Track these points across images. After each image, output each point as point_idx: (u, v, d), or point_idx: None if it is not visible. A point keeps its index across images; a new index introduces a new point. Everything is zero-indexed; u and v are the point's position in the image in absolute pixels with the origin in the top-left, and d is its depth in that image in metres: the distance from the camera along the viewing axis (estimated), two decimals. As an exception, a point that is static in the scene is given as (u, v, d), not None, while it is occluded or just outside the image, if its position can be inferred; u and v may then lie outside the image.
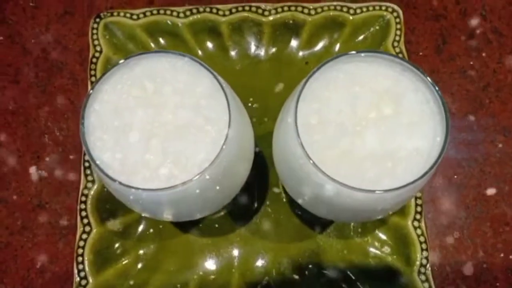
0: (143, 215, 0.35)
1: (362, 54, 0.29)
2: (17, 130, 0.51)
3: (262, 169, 0.45)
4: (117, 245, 0.44)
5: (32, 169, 0.49)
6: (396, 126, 0.29)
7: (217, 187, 0.29)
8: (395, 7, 0.50)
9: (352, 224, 0.40)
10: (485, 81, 0.51)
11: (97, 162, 0.27)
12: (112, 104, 0.28)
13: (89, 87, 0.50)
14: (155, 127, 0.28)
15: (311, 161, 0.26)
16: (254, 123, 0.47)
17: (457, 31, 0.53)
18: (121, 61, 0.28)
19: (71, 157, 0.49)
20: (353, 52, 0.28)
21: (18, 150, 0.50)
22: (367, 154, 0.28)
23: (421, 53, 0.52)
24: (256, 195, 0.44)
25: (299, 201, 0.34)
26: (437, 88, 0.28)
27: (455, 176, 0.48)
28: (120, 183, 0.26)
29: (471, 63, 0.52)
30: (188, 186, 0.26)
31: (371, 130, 0.28)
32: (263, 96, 0.48)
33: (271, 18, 0.50)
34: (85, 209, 0.45)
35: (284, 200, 0.44)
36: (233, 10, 0.50)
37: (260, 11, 0.50)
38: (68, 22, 0.54)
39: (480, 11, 0.53)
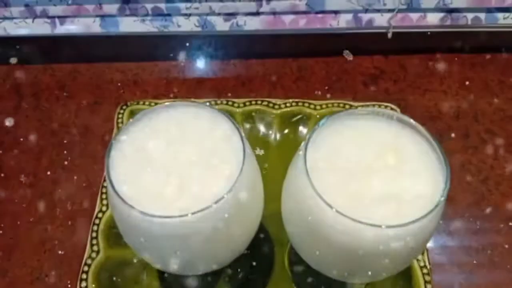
0: (151, 262, 0.35)
1: (364, 111, 0.32)
2: (31, 203, 0.52)
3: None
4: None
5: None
6: (399, 173, 0.30)
7: (229, 226, 0.29)
8: (394, 106, 0.55)
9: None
10: (484, 175, 0.54)
11: (117, 190, 0.28)
12: (136, 144, 0.31)
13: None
14: (174, 165, 0.30)
15: (321, 198, 0.28)
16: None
17: (453, 131, 0.57)
18: (150, 109, 0.32)
19: (79, 229, 0.50)
20: (356, 109, 0.32)
21: (29, 221, 0.51)
22: (374, 198, 0.29)
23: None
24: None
25: (307, 257, 0.33)
26: (435, 140, 0.31)
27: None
28: (137, 209, 0.27)
29: (469, 158, 0.55)
30: (201, 217, 0.27)
31: (376, 176, 0.30)
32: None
33: (279, 111, 0.55)
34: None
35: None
36: (247, 103, 0.56)
37: (270, 104, 0.56)
38: (96, 110, 0.59)
39: (473, 115, 0.58)
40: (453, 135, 0.57)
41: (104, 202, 0.49)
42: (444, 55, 0.63)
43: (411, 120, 0.32)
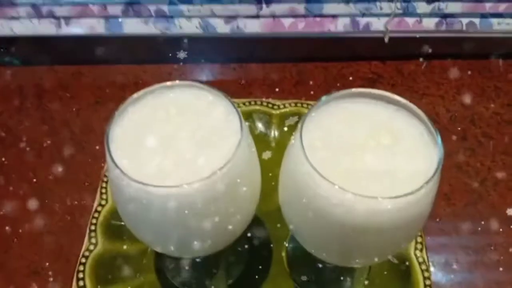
0: (148, 242, 0.35)
1: (359, 92, 0.33)
2: (30, 200, 0.52)
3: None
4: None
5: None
6: (394, 152, 0.31)
7: (224, 201, 0.30)
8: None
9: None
10: (482, 176, 0.54)
11: (116, 163, 0.28)
12: (137, 120, 0.31)
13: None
14: (173, 141, 0.31)
15: (316, 171, 0.28)
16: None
17: (450, 133, 0.58)
18: (149, 88, 0.32)
19: (79, 223, 0.50)
20: (351, 90, 0.32)
21: (28, 218, 0.51)
22: (368, 174, 0.30)
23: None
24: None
25: (305, 239, 0.34)
26: (430, 121, 0.31)
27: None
28: (135, 180, 0.28)
29: (467, 160, 0.55)
30: (196, 188, 0.28)
31: (371, 154, 0.31)
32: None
33: (278, 112, 0.56)
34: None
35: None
36: (246, 104, 0.56)
37: (270, 105, 0.56)
38: (97, 110, 0.60)
39: (470, 119, 0.59)
40: (450, 137, 0.57)
41: (104, 196, 0.49)
42: (441, 61, 0.64)
43: (406, 102, 0.32)
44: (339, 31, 0.58)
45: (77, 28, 0.58)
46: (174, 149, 0.30)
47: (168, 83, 0.33)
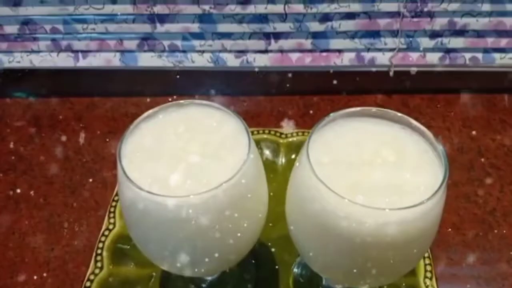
0: (155, 259, 0.35)
1: (363, 112, 0.34)
2: (39, 224, 0.53)
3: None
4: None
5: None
6: (399, 168, 0.31)
7: (230, 214, 0.30)
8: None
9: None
10: (491, 206, 0.54)
11: (127, 174, 0.29)
12: (148, 136, 0.33)
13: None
14: (182, 156, 0.32)
15: (323, 184, 0.29)
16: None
17: (457, 164, 0.58)
18: (162, 106, 0.34)
19: (84, 250, 0.50)
20: (357, 108, 0.34)
21: (35, 241, 0.51)
22: (375, 189, 0.30)
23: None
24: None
25: (312, 258, 0.33)
26: (436, 139, 0.32)
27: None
28: (144, 190, 0.28)
29: (475, 190, 0.55)
30: (204, 199, 0.28)
31: (378, 170, 0.31)
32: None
33: (285, 140, 0.57)
34: None
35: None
36: (255, 132, 0.58)
37: (278, 134, 0.57)
38: (109, 140, 0.62)
39: (477, 150, 0.59)
40: (457, 168, 0.57)
41: (112, 220, 0.50)
42: (445, 95, 0.65)
43: (411, 120, 0.33)
44: (345, 65, 0.60)
45: (94, 61, 0.60)
46: (184, 163, 0.31)
47: (181, 101, 0.34)
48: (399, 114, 0.33)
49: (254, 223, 0.34)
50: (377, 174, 0.31)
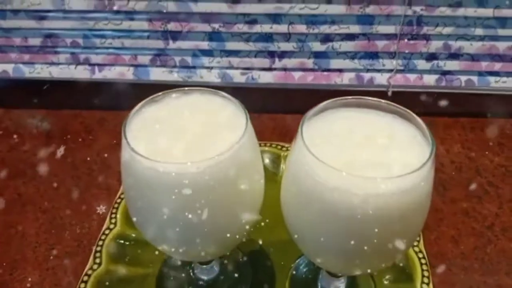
0: (154, 237, 0.35)
1: (355, 100, 0.36)
2: (42, 226, 0.54)
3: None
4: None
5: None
6: (389, 149, 0.33)
7: (227, 185, 0.31)
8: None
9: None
10: (489, 222, 0.54)
11: (131, 145, 0.31)
12: (152, 115, 0.35)
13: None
14: (185, 132, 0.34)
15: (315, 157, 0.30)
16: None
17: (455, 182, 0.59)
18: (167, 91, 0.36)
19: (85, 249, 0.51)
20: (349, 98, 0.36)
21: (37, 242, 0.52)
22: (366, 166, 0.31)
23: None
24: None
25: (305, 239, 0.34)
26: (425, 124, 0.34)
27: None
28: (146, 157, 0.30)
29: (473, 206, 0.56)
30: (203, 168, 0.30)
31: (368, 150, 0.33)
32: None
33: (286, 153, 0.58)
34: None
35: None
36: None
37: (278, 147, 0.59)
38: (117, 151, 0.64)
39: (475, 169, 0.60)
40: (456, 186, 0.58)
41: (113, 220, 0.51)
42: (443, 118, 0.67)
43: (403, 109, 0.35)
44: (345, 84, 0.63)
45: (109, 73, 0.64)
46: (184, 139, 0.33)
47: (185, 88, 0.37)
48: (391, 104, 0.35)
49: (250, 202, 0.35)
50: (368, 154, 0.32)
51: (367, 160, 0.32)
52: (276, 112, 0.68)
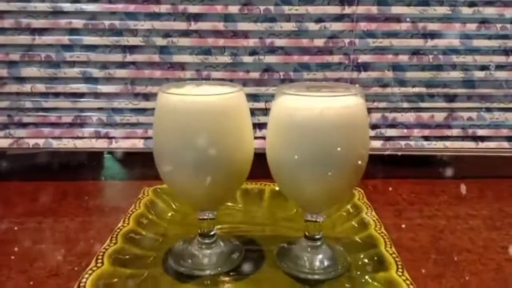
0: (167, 167, 0.47)
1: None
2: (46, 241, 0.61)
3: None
4: None
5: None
6: (340, 96, 0.49)
7: (229, 121, 0.47)
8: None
9: None
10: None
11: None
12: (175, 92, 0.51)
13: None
14: (201, 86, 0.51)
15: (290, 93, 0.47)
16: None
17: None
18: (182, 82, 0.53)
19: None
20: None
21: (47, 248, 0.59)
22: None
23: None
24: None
25: (283, 164, 0.47)
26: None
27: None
28: (173, 93, 0.46)
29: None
30: (212, 100, 0.46)
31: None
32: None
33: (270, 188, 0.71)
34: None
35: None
36: (248, 183, 0.72)
37: (262, 184, 0.72)
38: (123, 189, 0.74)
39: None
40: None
41: (114, 241, 0.56)
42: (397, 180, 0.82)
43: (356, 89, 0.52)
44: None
45: (123, 144, 0.80)
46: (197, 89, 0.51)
47: (198, 80, 0.54)
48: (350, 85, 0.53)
49: (244, 143, 0.49)
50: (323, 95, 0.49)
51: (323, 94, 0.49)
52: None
